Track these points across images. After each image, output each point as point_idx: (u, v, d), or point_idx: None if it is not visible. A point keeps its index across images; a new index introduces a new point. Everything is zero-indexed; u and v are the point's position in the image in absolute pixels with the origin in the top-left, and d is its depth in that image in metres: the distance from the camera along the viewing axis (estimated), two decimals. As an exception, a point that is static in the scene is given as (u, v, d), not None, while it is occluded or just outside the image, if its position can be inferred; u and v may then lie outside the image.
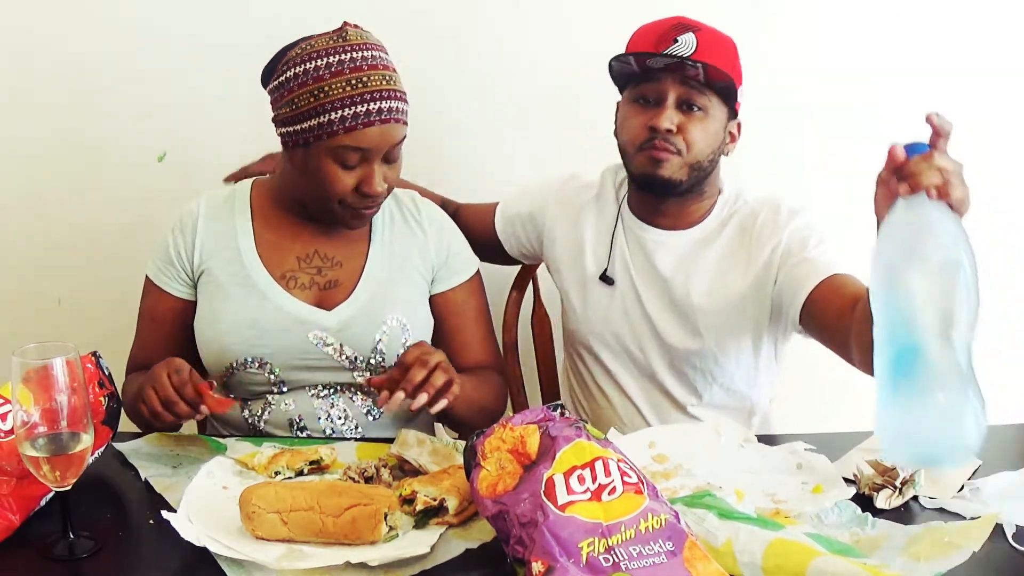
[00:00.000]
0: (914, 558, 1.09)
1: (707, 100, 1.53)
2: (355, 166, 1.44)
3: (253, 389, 1.54)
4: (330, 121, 1.40)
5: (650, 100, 1.54)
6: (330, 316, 1.52)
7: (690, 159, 1.54)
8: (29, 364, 1.08)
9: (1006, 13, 2.06)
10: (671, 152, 1.52)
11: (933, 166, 1.08)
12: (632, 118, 1.56)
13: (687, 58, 1.48)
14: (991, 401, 2.04)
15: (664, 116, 1.51)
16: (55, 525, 1.14)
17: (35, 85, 1.98)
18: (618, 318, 1.67)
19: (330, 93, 1.40)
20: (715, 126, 1.55)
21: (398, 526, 1.14)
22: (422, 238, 1.61)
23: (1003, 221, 2.17)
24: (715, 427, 1.46)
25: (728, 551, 1.05)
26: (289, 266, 1.55)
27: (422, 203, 1.65)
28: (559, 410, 1.14)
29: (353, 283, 1.55)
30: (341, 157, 1.42)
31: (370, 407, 1.56)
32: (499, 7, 2.02)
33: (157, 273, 1.57)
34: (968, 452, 1.06)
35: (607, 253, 1.68)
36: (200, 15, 1.96)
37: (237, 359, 1.51)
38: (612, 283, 1.67)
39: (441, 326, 1.62)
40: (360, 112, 1.40)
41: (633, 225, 1.68)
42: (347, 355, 1.52)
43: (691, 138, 1.52)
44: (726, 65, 1.51)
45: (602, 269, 1.68)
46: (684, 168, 1.54)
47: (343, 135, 1.40)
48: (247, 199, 1.59)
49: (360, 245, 1.58)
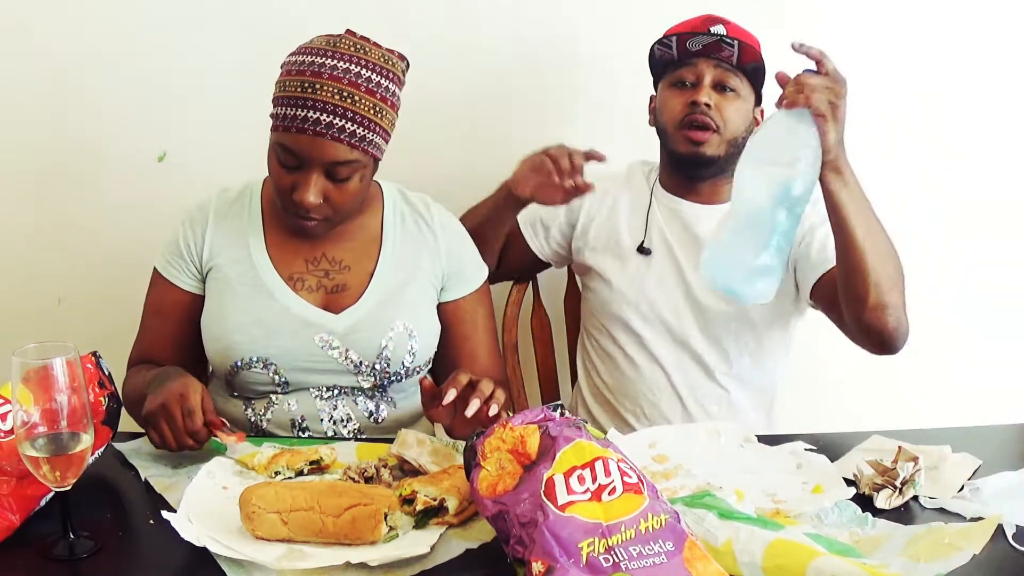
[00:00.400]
0: (914, 559, 1.09)
1: (739, 81, 1.66)
2: (292, 168, 1.43)
3: (257, 388, 1.54)
4: (275, 115, 1.43)
5: (687, 83, 1.67)
6: (337, 320, 1.52)
7: (728, 135, 1.66)
8: (29, 364, 1.08)
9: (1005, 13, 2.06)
10: (711, 128, 1.65)
11: (799, 84, 1.35)
12: (672, 99, 1.69)
13: (724, 36, 1.63)
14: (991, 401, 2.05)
15: (703, 92, 1.65)
16: (55, 525, 1.13)
17: (35, 85, 1.98)
18: (654, 287, 1.75)
19: (285, 88, 1.42)
20: (746, 106, 1.68)
21: (398, 526, 1.14)
22: (433, 243, 1.60)
23: (1003, 221, 2.17)
24: (715, 427, 1.46)
25: (728, 551, 1.05)
26: (297, 268, 1.54)
27: (434, 206, 1.64)
28: (559, 410, 1.14)
29: (361, 288, 1.54)
30: (279, 154, 1.43)
31: (372, 410, 1.56)
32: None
33: (165, 265, 1.57)
34: (760, 295, 1.37)
35: (643, 226, 1.77)
36: (200, 15, 1.96)
37: (242, 358, 1.51)
38: (649, 253, 1.75)
39: (449, 334, 1.62)
40: (298, 116, 1.39)
41: (667, 200, 1.78)
42: (352, 359, 1.52)
43: (727, 115, 1.66)
44: (753, 57, 1.66)
45: (639, 242, 1.76)
46: (723, 144, 1.66)
47: (280, 132, 1.42)
48: (259, 197, 1.59)
49: (370, 249, 1.57)
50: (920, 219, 2.15)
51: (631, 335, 1.77)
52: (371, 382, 1.54)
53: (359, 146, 1.41)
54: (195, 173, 1.99)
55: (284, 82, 1.43)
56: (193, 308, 1.56)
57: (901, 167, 2.13)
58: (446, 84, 1.98)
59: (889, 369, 2.10)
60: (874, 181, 2.11)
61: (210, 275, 1.55)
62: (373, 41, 1.46)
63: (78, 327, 2.04)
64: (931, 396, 2.18)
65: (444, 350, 1.62)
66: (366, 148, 1.43)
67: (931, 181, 2.14)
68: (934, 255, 2.17)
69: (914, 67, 2.07)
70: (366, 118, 1.41)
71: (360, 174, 1.45)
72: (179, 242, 1.56)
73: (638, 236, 1.77)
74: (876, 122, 2.08)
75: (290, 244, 1.55)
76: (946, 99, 2.09)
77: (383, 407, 1.57)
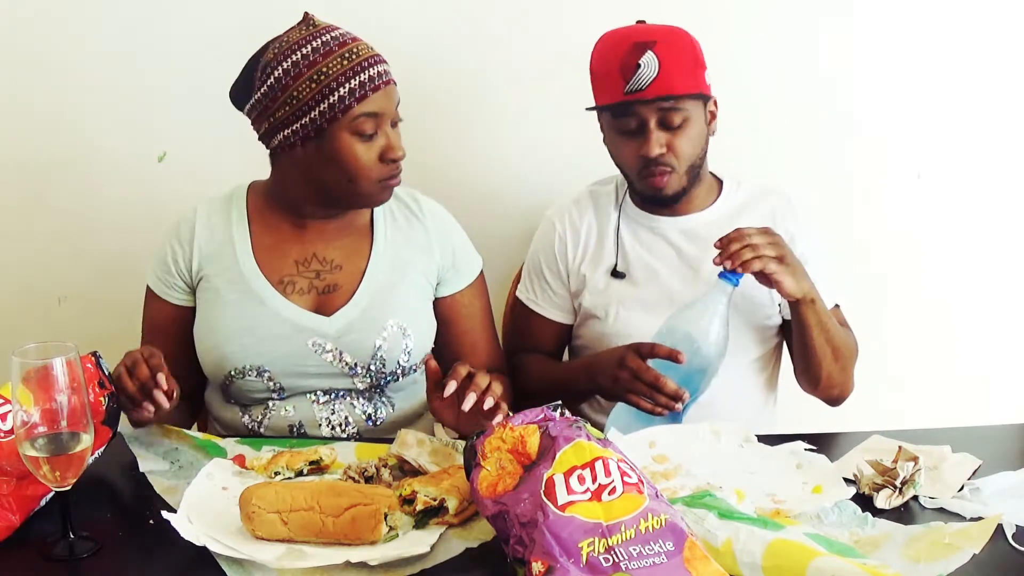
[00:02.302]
0: (914, 559, 1.09)
1: (684, 112, 1.58)
2: (372, 135, 1.45)
3: (253, 396, 1.54)
4: (340, 98, 1.42)
5: (633, 129, 1.59)
6: (329, 322, 1.51)
7: (685, 167, 1.61)
8: (29, 364, 1.08)
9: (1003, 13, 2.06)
10: (668, 172, 1.60)
11: (747, 246, 1.46)
12: (622, 148, 1.63)
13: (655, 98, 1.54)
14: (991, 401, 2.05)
15: (652, 143, 1.57)
16: (55, 525, 1.14)
17: (35, 84, 1.98)
18: (641, 311, 1.67)
19: (329, 72, 1.42)
20: (697, 127, 1.61)
21: (398, 526, 1.14)
22: (424, 237, 1.60)
23: (1002, 222, 2.17)
24: (715, 427, 1.46)
25: (728, 551, 1.05)
26: (287, 271, 1.54)
27: (422, 199, 1.63)
28: (559, 410, 1.14)
29: (353, 287, 1.54)
30: (359, 128, 1.44)
31: (370, 413, 1.56)
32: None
33: (156, 282, 1.57)
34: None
35: (614, 249, 1.70)
36: (200, 15, 1.96)
37: (236, 367, 1.50)
38: (623, 277, 1.69)
39: (448, 328, 1.62)
40: (364, 80, 1.43)
41: (640, 217, 1.71)
42: (346, 361, 1.52)
43: (680, 151, 1.59)
44: (690, 76, 1.58)
45: (611, 266, 1.70)
46: (683, 178, 1.62)
47: (357, 105, 1.43)
48: (243, 203, 1.58)
49: (361, 247, 1.57)
50: (920, 219, 2.15)
51: None
52: (367, 383, 1.54)
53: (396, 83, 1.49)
54: (195, 173, 1.99)
55: (317, 73, 1.42)
56: (189, 321, 1.56)
57: (901, 167, 2.13)
58: (437, 82, 1.99)
59: (889, 369, 2.11)
60: (874, 181, 2.13)
61: (200, 285, 1.54)
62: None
63: (78, 327, 2.04)
64: (931, 396, 2.18)
65: (444, 344, 1.61)
66: None
67: (931, 181, 2.14)
68: (934, 255, 2.17)
69: (912, 67, 2.08)
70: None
71: None
72: (167, 259, 1.55)
73: (610, 260, 1.70)
74: (864, 119, 2.09)
75: (279, 247, 1.55)
76: (935, 95, 2.09)
77: (381, 409, 1.57)
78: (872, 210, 2.13)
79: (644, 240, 1.70)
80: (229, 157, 1.90)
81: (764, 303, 1.67)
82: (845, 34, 2.05)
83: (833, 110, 2.08)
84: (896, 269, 2.17)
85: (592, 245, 1.72)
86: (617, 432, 1.44)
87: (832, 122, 2.09)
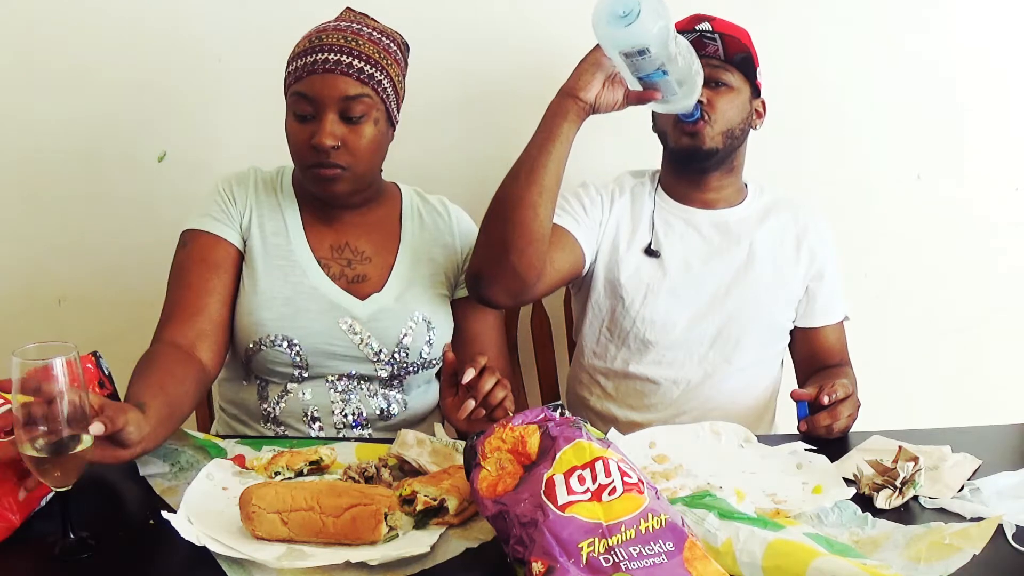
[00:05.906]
0: (914, 559, 1.09)
1: (730, 76, 1.68)
2: (308, 118, 1.47)
3: (276, 370, 1.55)
4: (288, 73, 1.49)
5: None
6: (362, 305, 1.55)
7: (721, 127, 1.67)
8: (29, 364, 1.08)
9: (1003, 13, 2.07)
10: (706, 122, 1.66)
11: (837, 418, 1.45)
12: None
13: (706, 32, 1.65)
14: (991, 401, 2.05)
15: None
16: (55, 525, 1.13)
17: (35, 84, 1.98)
18: (667, 295, 1.71)
19: (296, 48, 1.50)
20: (741, 99, 1.69)
21: (398, 526, 1.14)
22: (451, 241, 1.65)
23: (1002, 222, 2.17)
24: (715, 427, 1.46)
25: (728, 551, 1.05)
26: (323, 252, 1.58)
27: (451, 206, 1.69)
28: (559, 410, 1.14)
29: (381, 279, 1.58)
30: (295, 107, 1.48)
31: (384, 407, 1.58)
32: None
33: (211, 222, 1.54)
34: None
35: (649, 229, 1.75)
36: (200, 14, 1.96)
37: (268, 335, 1.52)
38: (658, 255, 1.72)
39: (460, 331, 1.65)
40: (309, 61, 1.46)
41: (671, 207, 1.77)
42: (372, 346, 1.54)
43: (720, 108, 1.66)
44: (742, 40, 1.67)
45: (646, 244, 1.74)
46: (719, 136, 1.68)
47: (295, 84, 1.47)
48: (290, 181, 1.62)
49: (389, 243, 1.61)
50: (920, 220, 2.15)
51: (645, 352, 1.73)
52: (388, 372, 1.56)
53: (368, 82, 1.47)
54: (195, 173, 1.99)
55: (294, 50, 1.50)
56: (238, 265, 1.54)
57: (901, 168, 2.13)
58: (446, 82, 1.99)
59: (889, 369, 2.11)
60: (874, 182, 2.13)
61: (247, 245, 1.55)
62: (361, 12, 1.56)
63: (78, 327, 2.04)
64: (931, 396, 2.18)
65: (454, 347, 1.62)
66: (374, 86, 1.47)
67: (931, 182, 2.14)
68: (934, 256, 2.17)
69: (912, 68, 2.08)
70: (371, 58, 1.47)
71: (374, 118, 1.48)
72: (223, 198, 1.56)
73: (644, 239, 1.74)
74: (864, 119, 2.09)
75: (319, 228, 1.58)
76: (936, 95, 2.09)
77: (394, 405, 1.59)
78: (872, 211, 2.14)
79: (677, 229, 1.75)
80: (229, 157, 1.91)
81: (780, 305, 1.74)
82: (845, 35, 2.05)
83: (833, 111, 2.08)
84: (896, 269, 2.17)
85: (627, 222, 1.76)
86: (617, 432, 1.44)
87: (832, 123, 2.09)
